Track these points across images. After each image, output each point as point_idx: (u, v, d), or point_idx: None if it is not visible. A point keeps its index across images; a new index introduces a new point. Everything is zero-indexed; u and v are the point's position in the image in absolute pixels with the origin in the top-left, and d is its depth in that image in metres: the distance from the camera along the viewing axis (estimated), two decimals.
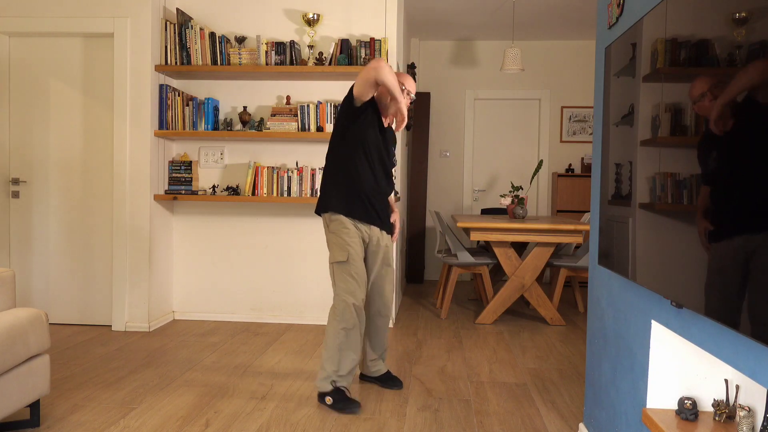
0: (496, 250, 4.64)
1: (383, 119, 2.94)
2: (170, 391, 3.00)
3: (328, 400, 2.79)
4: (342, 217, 2.85)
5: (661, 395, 1.78)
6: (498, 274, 5.57)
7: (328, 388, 2.81)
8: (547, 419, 2.75)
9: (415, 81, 6.43)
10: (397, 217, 3.07)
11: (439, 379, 3.30)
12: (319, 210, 2.95)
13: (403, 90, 2.85)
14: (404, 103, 2.75)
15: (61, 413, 2.68)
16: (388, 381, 3.13)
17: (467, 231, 4.78)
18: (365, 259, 2.95)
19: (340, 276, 2.83)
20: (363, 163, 2.85)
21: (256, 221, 4.50)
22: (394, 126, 3.00)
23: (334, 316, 2.82)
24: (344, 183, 2.86)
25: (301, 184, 4.27)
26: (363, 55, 4.21)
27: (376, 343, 3.12)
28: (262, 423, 2.63)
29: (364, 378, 3.22)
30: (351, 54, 4.26)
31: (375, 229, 2.94)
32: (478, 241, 6.14)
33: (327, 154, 2.95)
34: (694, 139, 1.42)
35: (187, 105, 4.31)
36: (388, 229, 3.02)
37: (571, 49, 6.73)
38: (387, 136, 2.98)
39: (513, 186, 5.14)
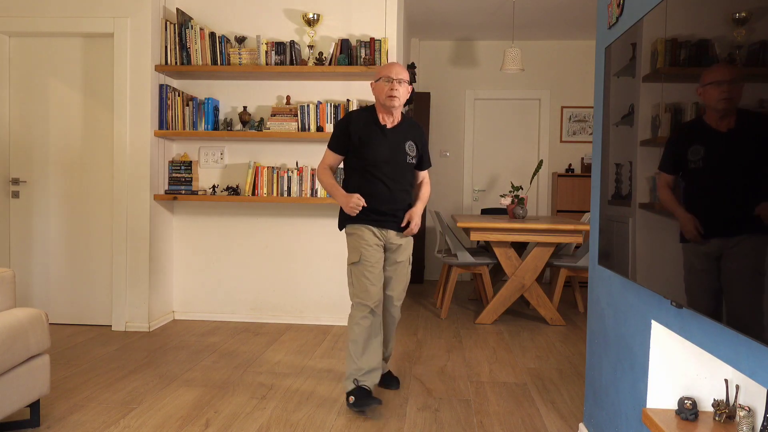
0: (496, 250, 4.64)
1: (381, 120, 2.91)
2: (170, 391, 3.00)
3: (350, 399, 2.71)
4: None
5: (661, 395, 1.78)
6: (498, 274, 5.56)
7: (350, 386, 2.78)
8: (547, 419, 2.75)
9: (415, 81, 6.43)
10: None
11: (439, 379, 3.30)
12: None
13: (392, 80, 2.80)
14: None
15: (61, 413, 2.68)
16: (386, 381, 3.12)
17: (467, 231, 4.78)
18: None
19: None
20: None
21: (256, 221, 4.50)
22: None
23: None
24: None
25: (301, 184, 4.27)
26: (363, 55, 4.21)
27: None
28: (262, 423, 2.63)
29: None
30: (351, 54, 4.25)
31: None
32: (478, 241, 6.14)
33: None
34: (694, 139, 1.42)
35: (187, 105, 4.31)
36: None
37: (571, 49, 6.73)
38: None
39: (513, 186, 5.14)
